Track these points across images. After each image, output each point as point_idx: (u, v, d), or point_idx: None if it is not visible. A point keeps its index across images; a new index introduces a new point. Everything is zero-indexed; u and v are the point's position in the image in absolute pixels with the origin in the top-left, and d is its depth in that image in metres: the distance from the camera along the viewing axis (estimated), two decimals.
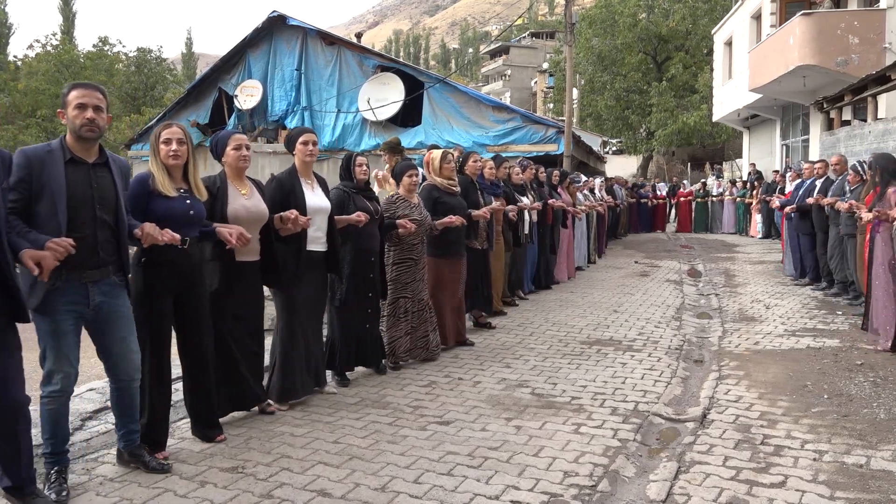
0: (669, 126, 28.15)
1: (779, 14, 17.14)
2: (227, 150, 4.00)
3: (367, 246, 4.95)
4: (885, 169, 6.00)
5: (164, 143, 3.49)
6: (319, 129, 16.70)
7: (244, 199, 3.98)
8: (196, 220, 3.55)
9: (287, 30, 16.96)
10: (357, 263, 4.90)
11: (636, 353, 5.79)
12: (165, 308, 3.51)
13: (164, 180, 3.45)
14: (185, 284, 3.54)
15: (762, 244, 15.27)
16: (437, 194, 5.79)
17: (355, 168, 4.97)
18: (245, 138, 4.09)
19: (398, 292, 5.33)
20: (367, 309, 5.01)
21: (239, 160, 4.00)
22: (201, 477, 3.32)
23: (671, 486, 3.25)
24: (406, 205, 5.38)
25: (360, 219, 4.70)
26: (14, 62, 35.67)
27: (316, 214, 4.36)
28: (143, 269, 3.44)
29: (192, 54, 61.60)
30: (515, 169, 8.05)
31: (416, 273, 5.41)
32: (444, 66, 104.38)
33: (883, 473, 3.34)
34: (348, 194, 4.90)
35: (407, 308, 5.36)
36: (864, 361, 5.35)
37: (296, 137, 4.49)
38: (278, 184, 4.35)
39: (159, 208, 3.41)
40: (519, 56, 64.19)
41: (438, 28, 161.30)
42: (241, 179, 4.04)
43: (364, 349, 5.04)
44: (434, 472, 3.37)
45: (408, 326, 5.36)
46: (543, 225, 8.82)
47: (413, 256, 5.39)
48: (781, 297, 8.43)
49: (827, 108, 12.80)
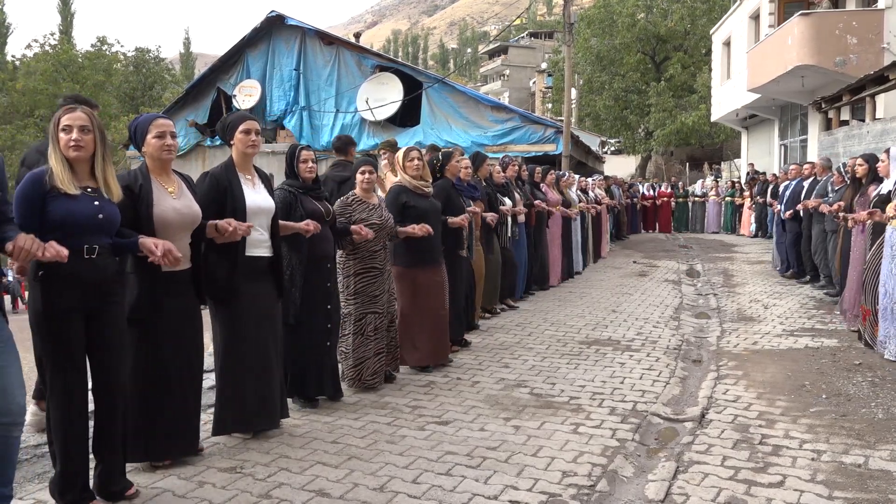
0: (668, 126, 28.19)
1: (777, 14, 17.15)
2: (148, 139, 3.30)
3: (321, 251, 4.27)
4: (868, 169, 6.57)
5: (64, 130, 2.88)
6: (318, 128, 16.72)
7: (172, 199, 3.31)
8: (107, 225, 2.93)
9: (286, 30, 16.95)
10: (312, 272, 4.24)
11: (635, 353, 5.79)
12: (72, 331, 2.87)
13: (65, 175, 2.83)
14: (96, 303, 2.92)
15: (761, 244, 15.27)
16: (406, 197, 5.12)
17: (299, 164, 4.30)
18: (170, 124, 3.39)
19: (366, 307, 4.66)
20: (326, 323, 4.33)
21: (163, 151, 3.30)
22: (200, 477, 3.32)
23: (670, 485, 3.25)
24: (363, 207, 4.73)
25: (308, 227, 4.06)
26: (12, 62, 35.71)
27: (257, 215, 3.74)
28: (40, 285, 2.82)
29: (190, 54, 61.51)
30: (496, 167, 7.59)
31: (383, 284, 4.74)
32: (442, 65, 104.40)
33: (881, 473, 3.34)
34: (294, 195, 4.24)
35: (377, 325, 4.69)
36: (863, 361, 5.36)
37: (235, 125, 3.79)
38: (212, 181, 3.69)
39: (59, 210, 2.80)
40: (517, 56, 64.18)
41: (437, 28, 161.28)
42: (167, 175, 3.37)
43: (322, 372, 4.36)
44: (433, 472, 3.37)
45: (378, 346, 4.71)
46: (529, 226, 8.42)
47: (377, 265, 4.72)
48: (780, 297, 8.44)
49: (825, 108, 12.80)
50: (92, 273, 2.89)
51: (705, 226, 19.58)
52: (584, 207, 11.04)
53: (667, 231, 19.99)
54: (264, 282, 3.83)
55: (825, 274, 8.46)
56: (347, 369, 4.72)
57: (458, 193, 5.98)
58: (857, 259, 6.36)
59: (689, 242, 16.47)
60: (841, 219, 6.68)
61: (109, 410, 3.04)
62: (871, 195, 6.04)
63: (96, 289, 2.93)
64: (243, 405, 3.73)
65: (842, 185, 7.48)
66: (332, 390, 4.45)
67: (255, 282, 3.75)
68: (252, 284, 3.74)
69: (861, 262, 6.16)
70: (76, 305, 2.88)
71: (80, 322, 2.91)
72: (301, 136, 16.72)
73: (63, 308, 2.85)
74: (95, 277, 2.91)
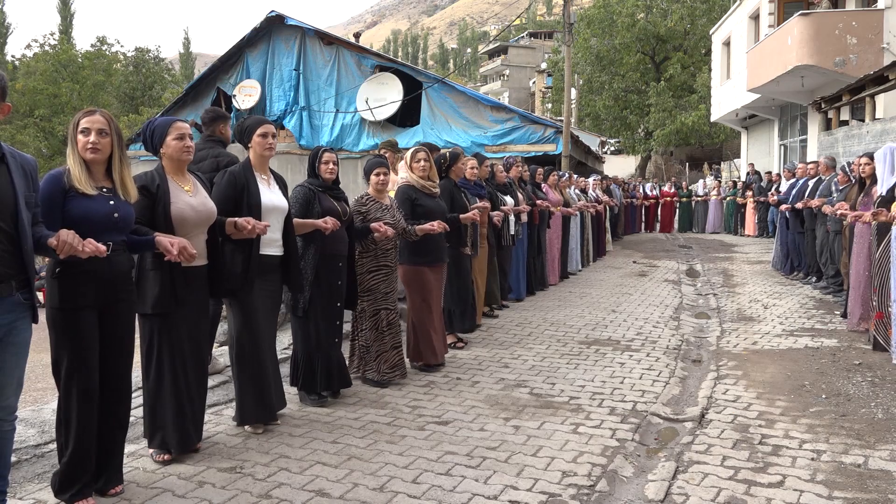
0: (668, 126, 28.21)
1: (777, 14, 17.16)
2: (168, 141, 3.44)
3: (334, 250, 4.41)
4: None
5: (83, 133, 2.99)
6: (318, 128, 16.73)
7: (188, 196, 3.45)
8: (122, 224, 3.05)
9: (285, 30, 16.96)
10: (323, 269, 4.36)
11: (634, 353, 5.79)
12: (88, 325, 2.99)
13: (82, 176, 2.94)
14: (109, 298, 3.03)
15: (761, 244, 15.28)
16: (415, 195, 5.28)
17: (321, 165, 4.45)
18: (188, 126, 3.55)
19: (378, 304, 4.84)
20: (335, 320, 4.49)
21: (182, 152, 3.45)
22: (199, 477, 3.32)
23: (669, 485, 3.25)
24: (377, 206, 4.86)
25: (327, 225, 4.19)
26: (12, 62, 35.67)
27: (272, 214, 3.91)
28: (58, 282, 2.93)
29: (190, 54, 61.49)
30: (498, 167, 7.63)
31: (392, 282, 4.95)
32: (442, 65, 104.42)
33: (881, 473, 3.34)
34: (314, 192, 4.38)
35: (390, 320, 4.89)
36: (862, 361, 5.36)
37: (253, 128, 3.98)
38: (231, 179, 3.86)
39: (77, 209, 2.92)
40: (517, 56, 64.21)
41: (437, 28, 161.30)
42: (182, 174, 3.51)
43: (330, 367, 4.46)
44: (432, 472, 3.37)
45: (395, 340, 4.91)
46: (531, 226, 8.46)
47: (389, 263, 4.90)
48: (780, 297, 8.44)
49: (825, 108, 12.81)
50: (107, 270, 3.00)
51: (707, 226, 19.55)
52: (582, 206, 11.07)
53: (668, 231, 19.99)
54: (272, 279, 4.01)
55: (828, 275, 8.46)
56: (369, 362, 4.88)
57: (463, 193, 6.11)
58: (860, 260, 6.32)
59: (689, 242, 16.47)
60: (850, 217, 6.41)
61: (111, 404, 3.12)
62: (874, 195, 6.06)
63: (110, 285, 3.04)
64: (261, 394, 3.91)
65: (846, 185, 7.52)
66: (338, 385, 4.54)
67: (263, 278, 3.92)
68: (261, 280, 3.90)
69: (864, 262, 6.16)
70: (91, 302, 2.99)
71: (94, 317, 3.02)
72: (301, 136, 16.73)
73: (79, 304, 2.96)
74: (110, 274, 3.02)
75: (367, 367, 4.89)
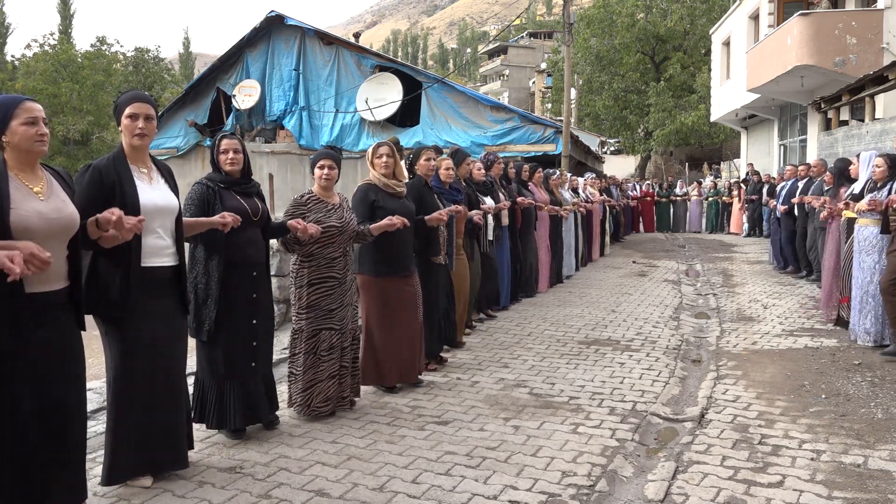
0: (667, 126, 28.21)
1: (776, 14, 17.17)
2: (13, 126, 2.54)
3: (244, 257, 3.69)
4: (841, 172, 7.17)
5: None
6: (318, 128, 16.73)
7: (38, 200, 2.56)
8: None
9: (285, 30, 16.95)
10: (230, 280, 3.62)
11: (634, 353, 5.79)
12: None
13: None
14: None
15: (760, 244, 15.28)
16: (375, 196, 4.57)
17: (219, 156, 3.73)
18: (40, 108, 2.61)
19: (319, 322, 4.07)
20: (251, 340, 3.74)
21: (34, 142, 2.57)
22: (199, 477, 3.32)
23: (669, 485, 3.25)
24: (321, 206, 4.12)
25: (225, 221, 3.42)
26: (12, 62, 35.70)
27: (157, 216, 3.10)
28: None
29: (189, 54, 61.52)
30: (476, 164, 6.83)
31: (342, 296, 4.14)
32: (442, 65, 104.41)
33: (880, 473, 3.34)
34: (214, 190, 3.64)
35: (333, 343, 4.11)
36: (862, 361, 5.36)
37: (121, 107, 3.11)
38: (95, 174, 3.01)
39: None
40: (517, 56, 64.21)
41: (436, 28, 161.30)
42: (32, 171, 2.61)
43: (253, 396, 3.77)
44: (432, 472, 3.37)
45: (331, 367, 4.10)
46: (515, 228, 7.71)
47: (335, 274, 4.11)
48: (779, 297, 8.44)
49: (825, 108, 12.81)
50: None
51: (687, 225, 20.13)
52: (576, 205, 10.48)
53: (650, 231, 20.14)
54: (166, 297, 3.19)
55: (818, 269, 8.73)
56: (295, 394, 4.13)
57: (438, 196, 5.38)
58: (830, 254, 6.99)
59: (689, 242, 16.48)
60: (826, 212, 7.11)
61: None
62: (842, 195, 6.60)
63: None
64: (145, 442, 3.13)
65: (832, 185, 7.82)
66: (264, 416, 3.89)
67: (154, 297, 3.11)
68: (151, 300, 3.09)
69: (834, 256, 6.78)
70: None
71: None
72: (301, 136, 16.73)
73: None
74: None
75: (294, 399, 4.16)
